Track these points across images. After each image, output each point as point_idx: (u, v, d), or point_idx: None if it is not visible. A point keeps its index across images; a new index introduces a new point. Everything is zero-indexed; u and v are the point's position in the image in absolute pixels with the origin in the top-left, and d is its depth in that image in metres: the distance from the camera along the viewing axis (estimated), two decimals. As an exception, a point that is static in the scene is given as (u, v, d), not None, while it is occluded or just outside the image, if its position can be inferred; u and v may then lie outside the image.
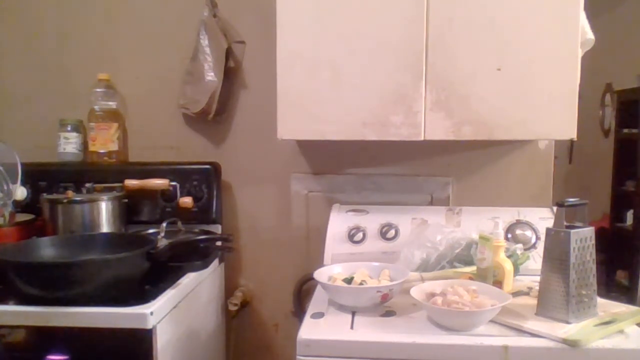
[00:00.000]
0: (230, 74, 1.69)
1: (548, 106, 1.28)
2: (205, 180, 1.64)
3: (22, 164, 1.51)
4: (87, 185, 1.56)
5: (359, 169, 1.69)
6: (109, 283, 1.15)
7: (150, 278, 1.26)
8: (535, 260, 1.36)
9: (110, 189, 1.57)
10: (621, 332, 1.02)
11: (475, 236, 1.32)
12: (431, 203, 1.65)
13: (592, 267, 1.06)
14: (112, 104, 1.71)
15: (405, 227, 1.49)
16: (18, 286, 1.14)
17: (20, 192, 1.52)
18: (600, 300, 1.10)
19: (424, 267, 1.35)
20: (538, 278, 1.10)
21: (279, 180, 1.73)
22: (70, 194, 1.50)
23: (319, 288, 1.26)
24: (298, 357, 1.01)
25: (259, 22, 1.67)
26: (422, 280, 1.26)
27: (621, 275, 3.60)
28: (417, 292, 1.10)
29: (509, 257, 1.24)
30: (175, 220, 1.51)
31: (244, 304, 1.76)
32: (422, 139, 1.31)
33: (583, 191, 3.69)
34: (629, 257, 3.46)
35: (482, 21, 1.28)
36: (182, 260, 1.40)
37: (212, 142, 1.76)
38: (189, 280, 1.35)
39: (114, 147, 1.70)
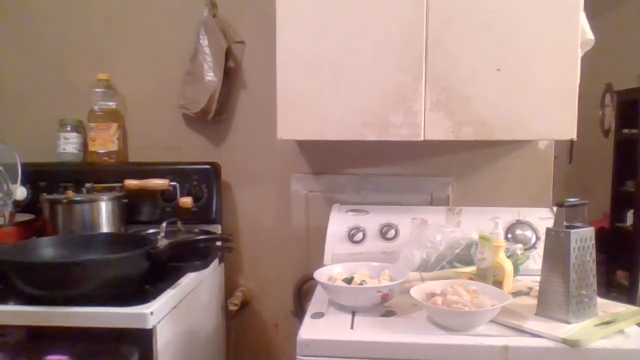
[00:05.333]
0: (230, 74, 1.69)
1: (548, 106, 1.28)
2: (205, 180, 1.64)
3: (22, 164, 1.52)
4: (87, 185, 1.56)
5: (359, 169, 1.69)
6: (109, 283, 1.15)
7: (150, 278, 1.26)
8: (535, 260, 1.36)
9: (110, 189, 1.57)
10: (621, 332, 1.01)
11: (475, 236, 1.32)
12: (431, 203, 1.65)
13: (592, 267, 1.06)
14: (112, 104, 1.71)
15: (405, 227, 1.49)
16: (18, 286, 1.14)
17: (20, 192, 1.52)
18: (600, 300, 1.10)
19: (424, 267, 1.34)
20: (538, 278, 1.10)
21: (279, 180, 1.73)
22: (70, 194, 1.50)
23: (319, 288, 1.26)
24: (298, 357, 1.01)
25: (259, 22, 1.67)
26: (422, 280, 1.26)
27: (621, 275, 3.59)
28: (417, 292, 1.09)
29: (509, 257, 1.24)
30: (175, 220, 1.52)
31: (244, 304, 1.76)
32: (422, 139, 1.31)
33: (583, 191, 3.69)
34: (629, 257, 3.45)
35: (481, 21, 1.28)
36: (182, 260, 1.40)
37: (212, 142, 1.76)
38: (189, 280, 1.35)
39: (113, 147, 1.70)
